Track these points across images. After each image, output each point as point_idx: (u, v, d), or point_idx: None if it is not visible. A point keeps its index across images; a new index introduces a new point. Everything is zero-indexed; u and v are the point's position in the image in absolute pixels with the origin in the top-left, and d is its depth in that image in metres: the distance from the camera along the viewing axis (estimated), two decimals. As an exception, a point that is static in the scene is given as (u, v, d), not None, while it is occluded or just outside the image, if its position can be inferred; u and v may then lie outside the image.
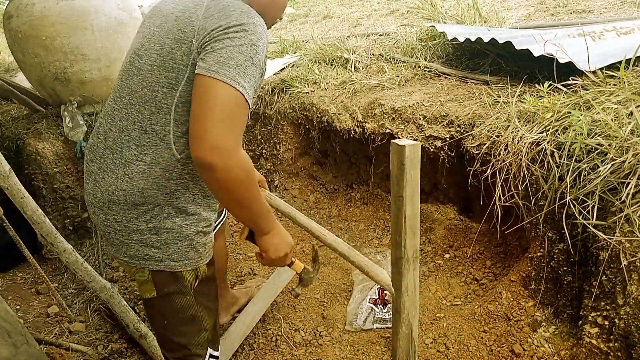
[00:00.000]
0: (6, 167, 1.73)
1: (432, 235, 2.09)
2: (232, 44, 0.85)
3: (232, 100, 0.84)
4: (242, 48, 0.86)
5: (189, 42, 0.90)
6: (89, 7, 2.34)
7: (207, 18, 0.90)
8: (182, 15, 0.95)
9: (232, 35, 0.86)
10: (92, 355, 1.66)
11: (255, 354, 1.61)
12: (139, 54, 0.98)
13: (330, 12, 4.45)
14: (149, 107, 0.95)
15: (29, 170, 2.41)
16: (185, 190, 0.99)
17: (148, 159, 0.95)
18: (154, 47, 0.95)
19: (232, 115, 0.84)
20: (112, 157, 0.98)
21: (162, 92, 0.93)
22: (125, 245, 0.99)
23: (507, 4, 3.18)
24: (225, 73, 0.83)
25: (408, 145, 1.14)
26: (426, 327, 1.64)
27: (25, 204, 1.77)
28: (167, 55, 0.92)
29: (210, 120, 0.82)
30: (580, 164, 1.27)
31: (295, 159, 2.74)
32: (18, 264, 2.33)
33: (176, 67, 0.91)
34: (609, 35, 1.87)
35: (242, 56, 0.86)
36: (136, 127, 0.96)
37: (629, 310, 1.09)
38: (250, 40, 0.87)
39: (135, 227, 0.97)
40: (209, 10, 0.91)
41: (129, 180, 0.96)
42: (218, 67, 0.83)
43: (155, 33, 0.97)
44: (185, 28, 0.92)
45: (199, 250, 1.03)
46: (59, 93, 2.52)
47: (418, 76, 2.31)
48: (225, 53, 0.85)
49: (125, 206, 0.97)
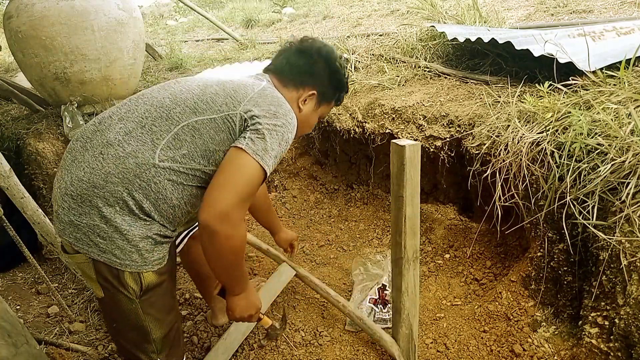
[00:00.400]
0: (6, 167, 1.73)
1: (432, 235, 2.09)
2: (276, 137, 1.01)
3: (257, 180, 0.99)
4: (282, 143, 1.03)
5: (237, 102, 1.04)
6: (89, 7, 2.34)
7: (261, 98, 1.06)
8: (240, 81, 1.12)
9: (278, 129, 1.02)
10: (92, 355, 1.66)
11: (255, 354, 1.61)
12: (180, 83, 1.11)
13: (330, 12, 4.45)
14: (162, 112, 1.02)
15: (29, 170, 2.41)
16: (144, 198, 0.99)
17: (129, 148, 0.99)
18: (200, 84, 1.09)
19: (251, 192, 0.99)
20: (98, 137, 1.02)
21: (182, 109, 1.02)
22: (73, 226, 0.98)
23: (507, 4, 3.19)
24: (266, 161, 0.99)
25: (408, 145, 1.14)
26: (426, 327, 1.64)
27: (25, 204, 1.77)
28: (209, 95, 1.05)
29: (232, 193, 0.95)
30: (580, 164, 1.27)
31: (295, 159, 2.74)
32: (18, 264, 2.33)
33: (211, 108, 1.03)
34: (609, 35, 1.87)
35: (279, 149, 1.02)
36: (136, 120, 1.02)
37: (629, 310, 1.09)
38: (288, 138, 1.05)
39: (87, 210, 0.97)
40: (265, 91, 1.09)
41: (102, 160, 0.98)
42: (263, 153, 0.99)
43: (207, 81, 1.11)
44: (239, 89, 1.07)
45: (144, 255, 1.00)
46: (59, 93, 2.52)
47: (418, 76, 2.31)
48: (270, 143, 1.00)
49: (87, 184, 0.98)
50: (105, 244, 0.97)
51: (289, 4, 5.85)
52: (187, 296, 1.92)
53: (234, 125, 1.03)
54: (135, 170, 0.98)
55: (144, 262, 1.01)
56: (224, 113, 1.03)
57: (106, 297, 1.04)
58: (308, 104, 1.22)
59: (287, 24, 4.85)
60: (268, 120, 1.02)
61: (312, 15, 4.70)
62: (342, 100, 1.33)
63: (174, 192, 1.01)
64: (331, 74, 1.22)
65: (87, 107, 2.61)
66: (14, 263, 2.32)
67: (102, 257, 0.98)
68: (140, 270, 1.00)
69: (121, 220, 0.97)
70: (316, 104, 1.24)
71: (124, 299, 1.02)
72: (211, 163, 1.03)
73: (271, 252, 1.89)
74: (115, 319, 1.07)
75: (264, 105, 1.04)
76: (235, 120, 1.03)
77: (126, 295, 1.01)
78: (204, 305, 1.86)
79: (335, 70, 1.23)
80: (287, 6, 5.72)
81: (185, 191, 1.03)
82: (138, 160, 0.98)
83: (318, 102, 1.24)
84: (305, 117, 1.24)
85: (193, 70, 3.68)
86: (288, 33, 4.21)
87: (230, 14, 5.93)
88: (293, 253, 1.82)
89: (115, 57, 2.53)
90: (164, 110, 1.03)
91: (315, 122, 1.31)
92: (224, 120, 1.02)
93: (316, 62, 1.20)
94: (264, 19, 5.21)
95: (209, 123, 1.02)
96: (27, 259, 1.71)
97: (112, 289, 1.02)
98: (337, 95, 1.29)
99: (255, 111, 1.03)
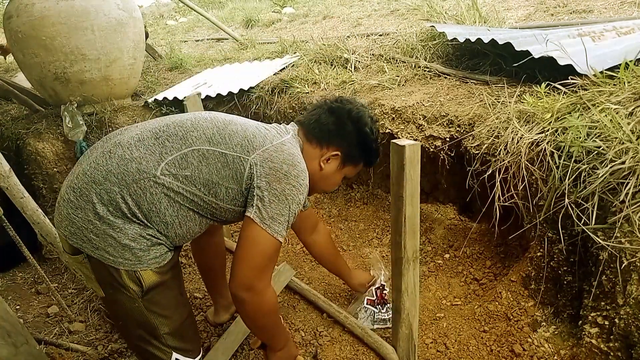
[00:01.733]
0: (6, 167, 1.73)
1: (432, 235, 2.09)
2: (285, 201, 1.03)
3: (272, 250, 1.03)
4: (292, 206, 1.04)
5: (252, 149, 1.06)
6: (89, 7, 2.34)
7: (277, 152, 1.07)
8: (264, 128, 1.14)
9: (287, 192, 1.03)
10: (92, 355, 1.66)
11: (255, 354, 1.61)
12: (210, 114, 1.14)
13: (330, 12, 4.45)
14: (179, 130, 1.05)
15: (29, 170, 2.41)
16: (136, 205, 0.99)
17: (136, 153, 1.00)
18: (225, 119, 1.11)
19: (269, 261, 1.04)
20: (115, 137, 1.06)
21: (198, 134, 1.05)
22: (69, 219, 0.99)
23: (507, 4, 3.19)
24: (275, 228, 1.01)
25: (408, 145, 1.14)
26: (426, 327, 1.64)
27: (25, 204, 1.77)
28: (228, 131, 1.07)
29: (250, 267, 1.02)
30: (579, 165, 1.27)
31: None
32: (18, 264, 2.33)
33: (226, 143, 1.05)
34: (609, 35, 1.87)
35: (289, 213, 1.04)
36: (153, 131, 1.05)
37: (629, 310, 1.09)
38: (299, 199, 1.06)
39: (83, 204, 0.98)
40: (283, 147, 1.09)
41: (108, 157, 1.00)
42: (271, 222, 1.01)
43: (234, 119, 1.14)
44: (258, 136, 1.09)
45: (138, 254, 0.99)
46: (59, 93, 2.53)
47: (418, 76, 2.31)
48: (279, 210, 1.02)
49: (88, 178, 0.99)
50: (98, 241, 0.98)
51: (288, 4, 5.85)
52: (187, 296, 1.92)
53: (242, 169, 1.04)
54: (135, 175, 0.98)
55: (138, 261, 1.00)
56: (236, 154, 1.05)
57: (107, 296, 1.04)
58: (331, 163, 1.23)
59: (287, 23, 4.85)
60: (278, 184, 1.03)
61: (312, 15, 4.70)
62: (373, 164, 1.33)
63: (169, 209, 1.01)
64: (359, 137, 1.22)
65: (87, 107, 2.61)
66: (14, 263, 2.32)
67: (95, 254, 0.98)
68: (135, 269, 0.99)
69: (114, 219, 0.97)
70: (340, 164, 1.25)
71: (125, 298, 1.01)
72: (211, 194, 1.04)
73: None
74: (120, 317, 1.08)
75: (277, 161, 1.05)
76: (244, 165, 1.04)
77: (127, 295, 1.01)
78: (204, 305, 1.86)
79: (364, 134, 1.23)
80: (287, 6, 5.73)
81: (181, 211, 1.03)
82: (141, 167, 0.99)
83: (342, 162, 1.25)
84: (327, 175, 1.25)
85: (193, 70, 3.68)
86: (288, 33, 4.20)
87: (230, 14, 5.93)
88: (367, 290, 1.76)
89: (115, 57, 2.53)
90: (182, 130, 1.05)
91: (339, 182, 1.31)
92: (234, 160, 1.04)
93: (345, 124, 1.21)
94: (263, 18, 5.21)
95: (219, 156, 1.04)
96: (27, 259, 1.71)
97: (111, 289, 1.01)
98: (364, 159, 1.29)
99: (266, 167, 1.04)
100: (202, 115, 1.11)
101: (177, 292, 1.12)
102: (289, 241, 2.32)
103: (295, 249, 2.25)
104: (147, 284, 1.01)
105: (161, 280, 1.04)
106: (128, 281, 1.00)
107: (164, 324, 1.06)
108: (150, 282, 1.02)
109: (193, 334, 1.18)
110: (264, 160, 1.05)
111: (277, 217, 1.02)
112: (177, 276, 1.14)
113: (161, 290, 1.05)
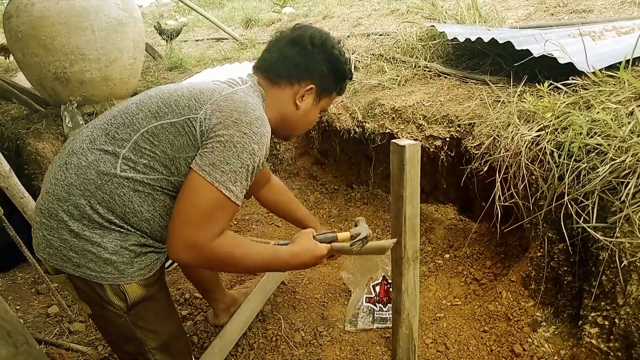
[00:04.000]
0: (6, 167, 1.73)
1: (432, 235, 2.09)
2: (233, 149, 0.89)
3: (213, 203, 0.88)
4: (242, 155, 0.90)
5: (200, 105, 0.94)
6: (89, 7, 2.34)
7: (227, 101, 0.95)
8: (213, 83, 1.03)
9: (236, 139, 0.90)
10: (92, 355, 1.66)
11: (255, 354, 1.61)
12: (149, 95, 1.02)
13: (330, 12, 4.45)
14: (126, 118, 0.96)
15: (29, 170, 2.41)
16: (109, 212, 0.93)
17: (91, 157, 0.93)
18: (171, 88, 1.01)
19: (210, 215, 0.88)
20: (68, 146, 0.99)
21: (144, 114, 0.95)
22: (46, 241, 0.94)
23: (507, 3, 3.18)
24: (216, 176, 0.87)
25: (408, 145, 1.14)
26: (426, 327, 1.64)
27: (25, 204, 1.77)
28: (174, 97, 0.97)
29: (184, 222, 0.87)
30: (579, 164, 1.27)
31: (295, 159, 2.74)
32: (18, 264, 2.33)
33: (173, 111, 0.94)
34: (609, 35, 1.87)
35: (238, 162, 0.89)
36: (102, 127, 0.97)
37: (629, 310, 1.09)
38: (252, 149, 0.91)
39: (55, 224, 0.92)
40: (234, 95, 0.97)
41: (65, 170, 0.94)
42: (211, 169, 0.88)
43: (181, 84, 1.04)
44: (206, 91, 0.97)
45: (120, 268, 0.94)
46: (59, 93, 2.53)
47: (418, 76, 2.31)
48: (223, 157, 0.88)
49: (52, 197, 0.93)
50: (78, 258, 0.92)
51: (288, 4, 5.84)
52: (187, 296, 1.92)
53: (194, 130, 0.92)
54: (96, 181, 0.91)
55: (122, 275, 0.94)
56: (185, 116, 0.93)
57: (94, 313, 1.00)
58: (307, 100, 1.12)
59: (287, 23, 4.85)
60: (225, 131, 0.90)
61: (312, 15, 4.70)
62: (344, 89, 1.21)
63: (143, 205, 0.94)
64: (330, 63, 1.11)
65: (87, 107, 2.61)
66: (14, 263, 2.32)
67: (77, 272, 0.93)
68: (119, 282, 0.94)
69: (91, 234, 0.92)
70: (315, 99, 1.14)
71: (112, 314, 0.98)
72: (173, 173, 0.94)
73: None
74: (109, 333, 1.04)
75: (226, 110, 0.93)
76: (195, 125, 0.92)
77: (112, 311, 0.97)
78: (204, 305, 1.86)
79: (335, 59, 1.11)
80: (287, 6, 5.72)
81: (157, 202, 0.96)
82: (100, 170, 0.92)
83: (317, 96, 1.14)
84: (304, 114, 1.14)
85: (193, 70, 3.68)
86: (288, 33, 4.20)
87: (230, 14, 5.92)
88: None
89: (115, 57, 2.53)
90: (128, 117, 0.96)
91: (317, 118, 1.21)
92: (184, 125, 0.93)
93: (311, 52, 1.08)
94: (263, 18, 5.21)
95: (168, 127, 0.93)
96: (27, 259, 1.71)
97: (97, 305, 0.98)
98: (339, 86, 1.18)
99: (214, 119, 0.92)
100: (148, 93, 1.02)
101: (164, 304, 1.07)
102: (289, 241, 2.32)
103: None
104: (132, 298, 0.97)
105: (147, 294, 0.99)
106: (112, 296, 0.95)
107: (151, 339, 1.02)
108: (136, 297, 0.97)
109: (183, 347, 1.13)
110: (212, 112, 0.93)
111: (219, 165, 0.88)
112: (164, 288, 1.10)
113: (147, 304, 1.00)
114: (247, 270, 0.99)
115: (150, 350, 1.03)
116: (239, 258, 0.95)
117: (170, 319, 1.09)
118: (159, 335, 1.03)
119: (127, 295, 0.96)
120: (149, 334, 1.02)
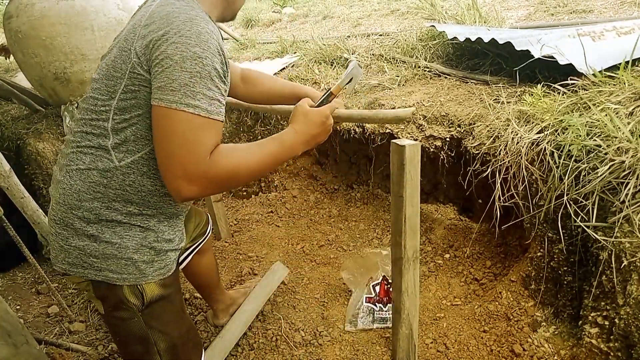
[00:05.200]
0: (6, 167, 1.73)
1: (432, 235, 2.09)
2: (172, 63, 0.79)
3: (183, 126, 0.80)
4: (185, 64, 0.80)
5: (128, 51, 0.86)
6: (89, 7, 2.34)
7: (148, 26, 0.85)
8: (132, 22, 0.92)
9: (170, 52, 0.80)
10: (92, 355, 1.66)
11: (255, 354, 1.61)
12: (94, 78, 0.96)
13: (330, 12, 4.45)
14: (91, 113, 0.93)
15: (29, 170, 2.41)
16: (127, 204, 0.93)
17: (87, 160, 0.91)
18: (108, 57, 0.93)
19: (188, 140, 0.80)
20: (64, 149, 0.97)
21: (102, 101, 0.90)
22: (64, 251, 0.93)
23: (507, 3, 3.18)
24: (168, 99, 0.79)
25: (408, 145, 1.14)
26: (426, 327, 1.64)
27: (25, 204, 1.77)
28: (111, 64, 0.89)
29: (166, 156, 0.81)
30: (579, 164, 1.27)
31: (295, 159, 2.74)
32: (18, 264, 2.34)
33: (115, 76, 0.88)
34: (609, 35, 1.87)
35: (186, 74, 0.80)
36: (81, 128, 0.94)
37: (629, 310, 1.09)
38: (194, 52, 0.80)
39: (72, 233, 0.92)
40: (152, 17, 0.86)
41: (69, 178, 0.92)
42: (160, 93, 0.80)
43: (107, 60, 0.94)
44: (128, 36, 0.88)
45: (141, 267, 0.95)
46: (59, 93, 2.53)
47: (418, 76, 2.31)
48: (166, 76, 0.80)
49: (64, 207, 0.92)
50: (99, 262, 0.92)
51: (289, 4, 5.84)
52: (187, 296, 1.92)
53: (141, 74, 0.85)
54: (102, 181, 0.90)
55: (142, 274, 0.95)
56: (126, 72, 0.86)
57: (107, 312, 1.00)
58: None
59: (287, 23, 4.85)
60: (158, 51, 0.81)
61: (312, 15, 4.70)
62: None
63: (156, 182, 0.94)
64: None
65: (87, 107, 2.61)
66: (14, 263, 2.32)
67: (99, 276, 0.93)
68: (139, 282, 0.95)
69: (111, 234, 0.92)
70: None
71: (125, 313, 0.98)
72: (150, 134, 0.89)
73: None
74: (119, 333, 1.04)
75: (154, 32, 0.83)
76: (139, 68, 0.85)
77: (127, 309, 0.97)
78: (204, 305, 1.86)
79: None
80: (287, 6, 5.72)
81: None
82: (100, 169, 0.90)
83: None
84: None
85: (193, 70, 3.68)
86: (288, 33, 4.20)
87: (230, 14, 5.91)
88: None
89: (115, 57, 2.53)
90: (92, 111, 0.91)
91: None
92: (132, 77, 0.86)
93: None
94: (264, 18, 5.21)
95: (123, 95, 0.87)
96: (27, 259, 1.71)
97: (112, 304, 0.98)
98: None
99: (148, 48, 0.83)
100: (93, 76, 0.96)
101: (178, 307, 1.08)
102: (289, 241, 2.32)
103: (295, 249, 2.25)
104: (149, 297, 0.98)
105: (164, 294, 1.00)
106: (130, 295, 0.96)
107: (162, 340, 1.02)
108: (152, 296, 0.98)
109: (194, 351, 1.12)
110: (142, 42, 0.84)
111: (167, 86, 0.79)
112: (179, 290, 1.10)
113: (163, 304, 1.01)
114: (259, 172, 0.92)
115: (158, 351, 1.02)
116: (243, 164, 0.88)
117: (182, 322, 1.09)
118: (169, 337, 1.03)
119: (144, 294, 0.97)
120: (159, 335, 1.02)
